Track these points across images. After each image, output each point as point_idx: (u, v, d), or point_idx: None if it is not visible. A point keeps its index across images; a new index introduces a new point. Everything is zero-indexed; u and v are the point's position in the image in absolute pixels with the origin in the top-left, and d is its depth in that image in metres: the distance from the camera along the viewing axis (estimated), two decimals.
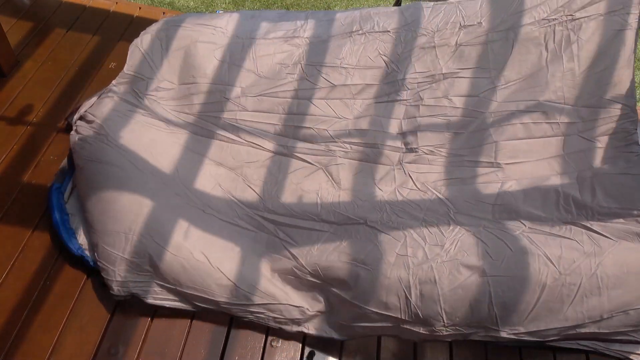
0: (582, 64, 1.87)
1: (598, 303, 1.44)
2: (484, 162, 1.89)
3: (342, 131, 1.98)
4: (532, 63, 1.93)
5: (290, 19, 2.24)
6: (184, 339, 1.63)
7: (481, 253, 1.51)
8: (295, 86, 2.04)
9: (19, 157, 2.03)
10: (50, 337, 1.58)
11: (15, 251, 1.75)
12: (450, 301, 1.48)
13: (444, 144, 1.94)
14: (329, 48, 2.10)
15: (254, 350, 1.63)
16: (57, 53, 2.46)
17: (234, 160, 1.94)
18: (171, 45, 2.10)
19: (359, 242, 1.66)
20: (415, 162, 1.92)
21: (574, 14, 1.90)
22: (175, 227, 1.69)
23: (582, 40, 1.87)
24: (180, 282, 1.62)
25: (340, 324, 1.63)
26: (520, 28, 1.94)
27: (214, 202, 1.84)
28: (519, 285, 1.44)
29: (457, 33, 2.02)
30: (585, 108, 1.84)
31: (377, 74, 2.05)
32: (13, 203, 1.88)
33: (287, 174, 1.91)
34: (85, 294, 1.68)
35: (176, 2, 3.58)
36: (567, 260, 1.45)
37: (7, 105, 2.20)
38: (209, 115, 2.02)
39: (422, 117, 1.97)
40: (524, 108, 1.90)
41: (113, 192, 1.72)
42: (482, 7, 2.04)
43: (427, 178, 1.87)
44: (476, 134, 1.93)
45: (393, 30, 2.08)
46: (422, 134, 1.95)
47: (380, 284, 1.53)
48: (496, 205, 1.75)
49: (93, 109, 1.96)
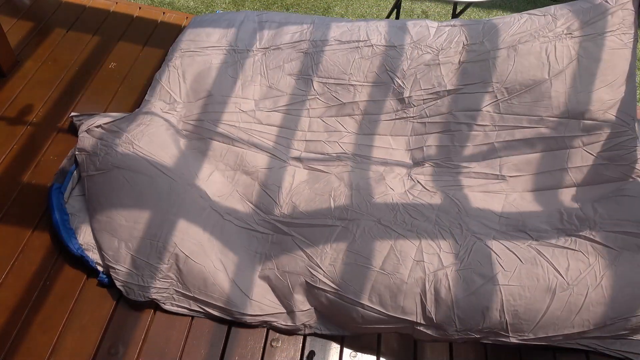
0: (583, 80, 1.91)
1: (603, 311, 1.48)
2: (490, 174, 1.94)
3: (353, 144, 2.06)
4: (534, 76, 1.96)
5: (297, 22, 2.30)
6: (184, 339, 1.63)
7: (493, 263, 1.55)
8: (306, 105, 2.13)
9: (19, 157, 2.03)
10: (50, 337, 1.58)
11: (15, 251, 1.75)
12: (464, 308, 1.52)
13: (450, 157, 2.00)
14: (337, 60, 2.16)
15: (254, 350, 1.64)
16: (57, 53, 2.46)
17: (250, 167, 2.00)
18: (187, 72, 2.21)
19: (374, 243, 1.67)
20: (422, 174, 1.98)
21: (573, 33, 1.96)
22: (198, 235, 1.74)
23: (582, 57, 1.93)
24: (199, 291, 1.66)
25: (349, 324, 1.65)
26: (521, 45, 1.99)
27: (232, 208, 1.90)
28: (530, 295, 1.48)
29: (460, 52, 2.09)
30: (588, 122, 1.88)
31: (384, 91, 2.12)
32: (13, 203, 1.89)
33: (301, 182, 1.98)
34: (85, 294, 1.69)
35: (176, 2, 3.58)
36: (574, 272, 1.50)
37: (7, 105, 2.20)
38: (225, 124, 2.09)
39: (429, 134, 2.04)
40: (527, 122, 1.94)
41: (140, 199, 1.77)
42: (484, 28, 2.11)
43: (436, 184, 1.93)
44: (481, 147, 1.98)
45: (400, 46, 2.15)
46: (428, 148, 2.02)
47: (398, 289, 1.57)
48: (502, 218, 1.80)
49: (117, 122, 2.02)
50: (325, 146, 2.06)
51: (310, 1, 3.78)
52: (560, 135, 1.89)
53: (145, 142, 1.92)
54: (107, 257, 1.71)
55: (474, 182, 1.94)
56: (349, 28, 2.23)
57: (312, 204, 1.86)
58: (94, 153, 1.90)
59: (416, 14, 3.84)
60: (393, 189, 1.89)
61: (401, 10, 3.79)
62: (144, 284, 1.66)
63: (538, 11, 2.09)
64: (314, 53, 2.19)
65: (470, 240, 1.65)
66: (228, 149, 2.05)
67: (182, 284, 1.67)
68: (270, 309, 1.68)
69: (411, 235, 1.68)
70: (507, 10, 3.99)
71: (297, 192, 1.93)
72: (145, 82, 2.40)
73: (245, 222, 1.87)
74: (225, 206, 1.90)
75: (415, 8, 3.89)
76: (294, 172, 2.00)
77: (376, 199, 1.82)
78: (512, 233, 1.71)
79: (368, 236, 1.70)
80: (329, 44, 2.19)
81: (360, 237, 1.70)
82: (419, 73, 2.10)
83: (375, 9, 3.82)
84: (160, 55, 2.54)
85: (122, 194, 1.79)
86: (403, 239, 1.67)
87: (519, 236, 1.67)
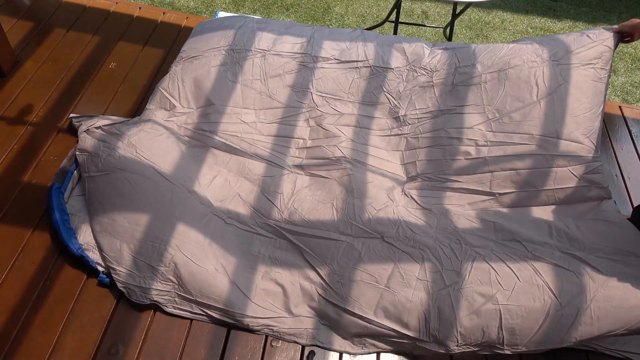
0: (569, 106, 2.00)
1: (590, 330, 1.57)
2: (480, 190, 2.00)
3: (351, 149, 2.10)
4: (524, 99, 2.05)
5: (296, 34, 2.35)
6: (184, 339, 1.63)
7: (493, 282, 1.64)
8: (306, 116, 2.19)
9: (19, 157, 2.03)
10: (50, 337, 1.58)
11: (15, 251, 1.75)
12: (465, 325, 1.59)
13: (443, 171, 2.05)
14: (336, 77, 2.24)
15: (254, 350, 1.64)
16: (57, 53, 2.46)
17: (252, 174, 2.04)
18: (186, 77, 2.22)
19: (379, 260, 1.73)
20: (416, 189, 2.03)
21: (559, 60, 2.06)
22: (199, 239, 1.76)
23: (568, 84, 2.03)
24: (200, 293, 1.67)
25: (351, 337, 1.66)
26: (510, 69, 2.09)
27: (235, 212, 1.92)
28: (526, 314, 1.56)
29: (453, 73, 2.19)
30: (573, 144, 1.97)
31: (380, 109, 2.21)
32: (13, 203, 1.89)
33: (303, 188, 2.00)
34: (85, 294, 1.69)
35: (176, 2, 3.58)
36: (567, 294, 1.59)
37: (7, 105, 2.20)
38: (227, 134, 2.12)
39: (421, 148, 2.10)
40: (519, 139, 2.01)
41: (142, 202, 1.79)
42: (475, 52, 2.22)
43: (429, 201, 1.99)
44: (473, 160, 2.04)
45: (396, 68, 2.25)
46: (421, 163, 2.08)
47: (402, 306, 1.64)
48: (497, 231, 1.85)
49: (118, 126, 2.03)
50: (325, 150, 2.09)
51: (310, 1, 3.78)
52: (548, 153, 1.96)
53: (147, 147, 1.94)
54: (108, 258, 1.71)
55: (466, 197, 2.00)
56: (348, 46, 2.30)
57: (314, 212, 1.89)
58: (96, 154, 1.90)
59: (416, 14, 3.84)
60: (393, 200, 1.94)
61: (401, 10, 3.79)
62: (146, 286, 1.67)
63: (525, 40, 2.22)
64: (313, 67, 2.25)
65: (470, 256, 1.72)
66: (230, 157, 2.09)
67: (184, 288, 1.68)
68: (272, 313, 1.68)
69: (414, 253, 1.75)
70: (507, 10, 4.00)
71: (298, 199, 1.95)
72: (145, 82, 2.40)
73: (247, 225, 1.89)
74: (227, 210, 1.92)
75: (415, 8, 3.90)
76: (296, 178, 2.04)
77: (378, 213, 1.86)
78: (508, 244, 1.77)
79: (373, 253, 1.76)
80: (328, 61, 2.26)
81: (365, 254, 1.76)
82: (414, 94, 2.20)
83: (375, 9, 3.82)
84: (160, 55, 2.54)
85: (124, 196, 1.80)
86: (407, 257, 1.74)
87: (515, 248, 1.75)
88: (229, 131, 2.13)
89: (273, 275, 1.76)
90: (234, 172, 2.04)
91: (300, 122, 2.18)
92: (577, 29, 3.89)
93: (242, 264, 1.78)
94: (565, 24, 3.94)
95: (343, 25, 3.61)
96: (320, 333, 1.67)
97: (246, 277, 1.75)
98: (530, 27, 3.86)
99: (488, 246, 1.76)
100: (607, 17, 4.05)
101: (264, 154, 2.09)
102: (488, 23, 3.85)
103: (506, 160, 1.98)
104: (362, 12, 3.78)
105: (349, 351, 1.64)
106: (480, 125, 2.07)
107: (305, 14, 3.66)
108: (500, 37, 3.72)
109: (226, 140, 2.10)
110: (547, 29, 3.87)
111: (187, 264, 1.69)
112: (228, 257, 1.77)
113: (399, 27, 3.64)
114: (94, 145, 1.94)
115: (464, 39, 3.68)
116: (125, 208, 1.78)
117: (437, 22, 3.80)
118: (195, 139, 2.12)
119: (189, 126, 2.14)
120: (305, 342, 1.66)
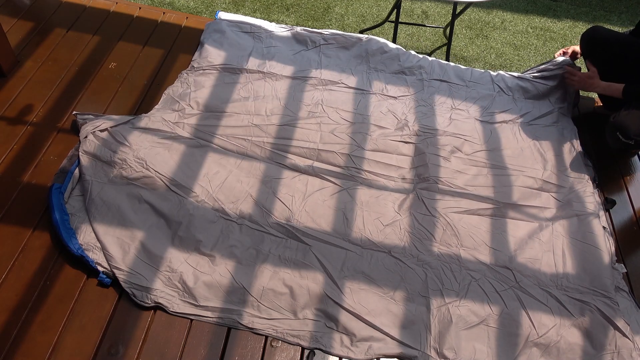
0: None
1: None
2: (486, 197, 2.13)
3: (362, 158, 2.19)
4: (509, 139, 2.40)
5: (303, 61, 2.59)
6: (184, 339, 1.63)
7: (485, 305, 1.80)
8: (317, 121, 2.31)
9: (19, 157, 2.03)
10: (50, 337, 1.58)
11: (15, 251, 1.75)
12: (462, 341, 1.71)
13: (452, 177, 2.17)
14: (347, 100, 2.44)
15: (254, 350, 1.64)
16: (57, 53, 2.46)
17: (264, 176, 2.08)
18: (198, 87, 2.36)
19: (387, 273, 1.85)
20: (427, 189, 2.12)
21: (534, 121, 2.47)
22: (207, 244, 1.81)
23: (540, 138, 2.43)
24: (206, 299, 1.69)
25: (355, 343, 1.68)
26: (497, 124, 2.44)
27: (247, 212, 1.95)
28: (510, 339, 1.73)
29: (449, 111, 2.47)
30: (571, 178, 2.25)
31: (389, 123, 2.37)
32: (13, 203, 1.89)
33: (314, 192, 2.05)
34: (85, 294, 1.69)
35: (176, 2, 3.58)
36: (544, 327, 1.76)
37: (7, 105, 2.20)
38: (238, 138, 2.19)
39: (430, 154, 2.24)
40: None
41: (151, 213, 1.88)
42: (466, 98, 2.54)
43: (438, 204, 2.07)
44: (480, 169, 2.23)
45: (399, 97, 2.51)
46: (432, 166, 2.19)
47: (406, 319, 1.74)
48: (492, 252, 1.96)
49: (123, 131, 2.09)
50: (337, 157, 2.17)
51: (310, 1, 3.78)
52: (553, 183, 2.21)
53: (158, 160, 2.01)
54: (113, 258, 1.72)
55: (473, 204, 2.09)
56: (353, 73, 2.57)
57: (326, 218, 1.96)
58: (106, 163, 1.97)
59: (416, 14, 3.84)
60: (400, 214, 2.02)
61: (401, 10, 3.79)
62: (151, 287, 1.68)
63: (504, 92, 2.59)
64: (323, 90, 2.46)
65: (466, 279, 1.86)
66: (242, 159, 2.12)
67: (189, 294, 1.69)
68: (278, 314, 1.69)
69: (418, 270, 1.86)
70: (507, 10, 4.00)
71: (310, 202, 2.00)
72: (145, 82, 2.40)
73: (258, 224, 1.91)
74: (239, 210, 1.94)
75: (415, 8, 3.90)
76: (307, 181, 2.08)
77: (385, 229, 1.96)
78: (499, 271, 1.90)
79: (381, 266, 1.86)
80: (337, 85, 2.50)
81: (374, 266, 1.85)
82: (420, 116, 2.42)
83: (375, 9, 3.82)
84: (160, 55, 2.54)
85: (133, 206, 1.88)
86: (412, 273, 1.85)
87: (506, 276, 1.89)
88: (240, 134, 2.19)
89: (282, 276, 1.77)
90: (246, 173, 2.07)
91: (312, 126, 2.28)
92: (577, 28, 3.89)
93: (251, 265, 1.79)
94: (565, 23, 3.94)
95: (343, 25, 3.61)
96: (324, 336, 1.67)
97: (254, 277, 1.76)
98: (530, 27, 3.86)
99: (482, 271, 1.89)
100: (607, 17, 4.05)
101: (275, 156, 2.15)
102: (488, 23, 3.85)
103: (510, 177, 2.22)
104: (362, 12, 3.78)
105: (350, 356, 1.64)
106: (486, 145, 2.34)
107: (305, 14, 3.66)
108: (500, 37, 3.72)
109: (237, 143, 2.16)
110: (547, 28, 3.87)
111: (194, 274, 1.73)
112: (235, 259, 1.80)
113: (399, 27, 3.64)
114: (103, 152, 2.00)
115: (464, 38, 3.68)
116: (134, 217, 1.85)
117: (437, 22, 3.80)
118: (205, 140, 2.16)
119: (199, 129, 2.19)
120: (308, 344, 1.65)
